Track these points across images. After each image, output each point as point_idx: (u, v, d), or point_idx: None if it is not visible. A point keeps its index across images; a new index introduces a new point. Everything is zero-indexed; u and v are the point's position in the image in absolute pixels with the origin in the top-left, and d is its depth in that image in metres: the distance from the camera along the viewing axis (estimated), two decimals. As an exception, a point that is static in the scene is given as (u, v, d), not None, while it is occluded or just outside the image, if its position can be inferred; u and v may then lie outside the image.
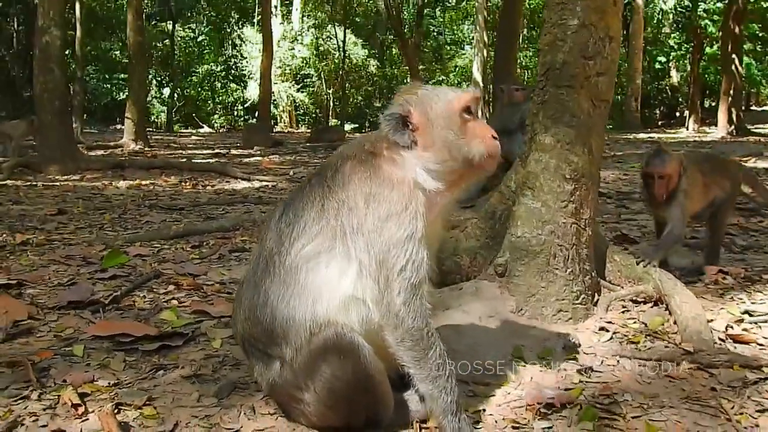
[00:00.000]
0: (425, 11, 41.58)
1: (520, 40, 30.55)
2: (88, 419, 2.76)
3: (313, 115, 45.31)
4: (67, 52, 23.17)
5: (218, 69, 43.35)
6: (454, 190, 2.71)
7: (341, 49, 40.58)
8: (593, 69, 3.92)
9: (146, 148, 18.47)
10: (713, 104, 35.11)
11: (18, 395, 2.98)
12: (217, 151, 18.78)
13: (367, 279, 2.54)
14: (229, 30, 43.22)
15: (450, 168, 2.63)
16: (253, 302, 2.67)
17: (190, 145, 22.35)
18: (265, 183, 11.28)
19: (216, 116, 44.50)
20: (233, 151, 18.77)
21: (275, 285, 2.62)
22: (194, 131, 35.73)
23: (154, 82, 41.78)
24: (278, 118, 42.18)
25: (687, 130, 29.39)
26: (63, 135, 12.65)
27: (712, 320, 3.81)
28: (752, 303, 4.15)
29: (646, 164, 4.83)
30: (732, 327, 3.78)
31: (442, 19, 47.56)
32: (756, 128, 26.61)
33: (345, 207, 2.57)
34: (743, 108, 32.30)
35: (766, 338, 3.63)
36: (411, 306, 2.51)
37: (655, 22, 36.44)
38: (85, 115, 28.30)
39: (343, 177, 2.62)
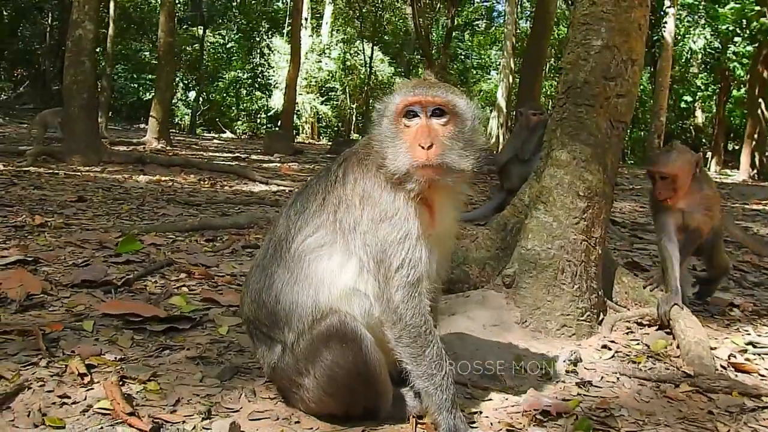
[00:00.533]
0: (454, 34, 41.90)
1: (546, 69, 30.67)
2: (93, 388, 2.82)
3: (335, 128, 45.58)
4: (98, 49, 23.63)
5: (245, 76, 43.77)
6: (436, 192, 2.61)
7: (368, 65, 40.94)
8: (614, 90, 3.97)
9: (168, 148, 18.68)
10: (736, 147, 34.96)
11: (27, 362, 3.05)
12: (237, 155, 18.97)
13: (368, 275, 2.60)
14: (258, 39, 43.68)
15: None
16: (260, 285, 2.74)
17: (212, 148, 22.57)
18: (282, 187, 11.39)
19: (239, 122, 44.87)
20: (253, 156, 18.94)
21: (281, 270, 2.69)
22: (216, 136, 36.06)
23: (181, 84, 42.27)
24: (300, 128, 42.49)
25: (709, 171, 29.23)
26: (88, 127, 12.84)
27: (715, 348, 3.81)
28: (758, 335, 4.16)
29: (650, 161, 4.46)
30: (735, 356, 3.78)
31: (470, 43, 47.94)
32: (779, 175, 26.43)
33: (343, 204, 2.63)
34: (767, 153, 32.14)
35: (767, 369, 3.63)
36: (409, 303, 2.55)
37: (683, 61, 36.41)
38: (110, 113, 28.72)
39: (344, 174, 2.69)
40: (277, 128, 32.10)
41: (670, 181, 4.20)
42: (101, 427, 2.51)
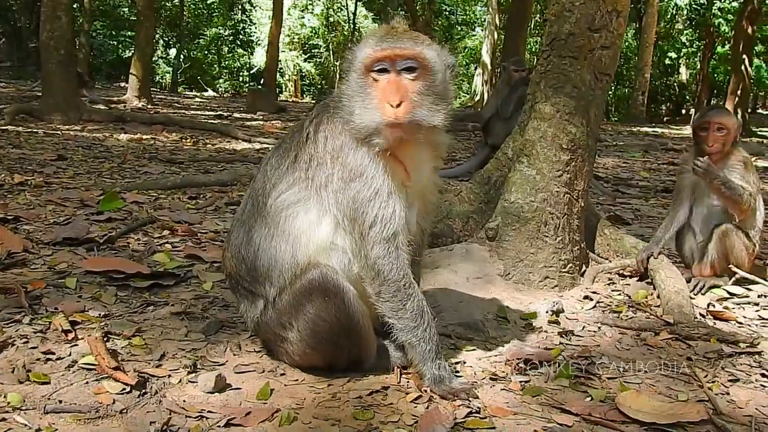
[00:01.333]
0: (438, -11, 41.25)
1: (531, 26, 30.36)
2: (77, 345, 2.83)
3: (319, 86, 45.06)
4: (75, 5, 22.99)
5: (226, 33, 42.98)
6: (408, 146, 2.56)
7: (351, 22, 40.28)
8: (598, 42, 3.94)
9: (149, 106, 18.37)
10: (720, 104, 35.03)
11: (10, 319, 3.04)
12: (219, 113, 18.72)
13: (344, 231, 2.60)
14: (239, -5, 42.87)
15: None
16: (240, 240, 2.74)
17: (194, 106, 22.24)
18: (266, 145, 11.28)
19: (221, 80, 44.23)
20: (236, 115, 18.70)
21: (258, 225, 2.68)
22: (199, 94, 35.48)
23: (161, 42, 41.42)
24: (284, 86, 42.00)
25: (692, 126, 29.36)
26: (66, 85, 12.58)
27: (694, 297, 3.88)
28: (738, 286, 4.20)
29: (701, 115, 4.30)
30: (714, 305, 3.85)
31: (454, -1, 47.20)
32: (761, 131, 26.60)
33: (314, 161, 2.60)
34: (749, 110, 32.25)
35: (746, 318, 3.70)
36: (386, 258, 2.56)
37: (668, 17, 36.18)
38: (90, 71, 28.12)
39: (316, 131, 2.65)
40: (260, 86, 31.70)
41: (725, 133, 4.13)
42: (86, 382, 2.51)
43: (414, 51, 2.47)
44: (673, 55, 36.27)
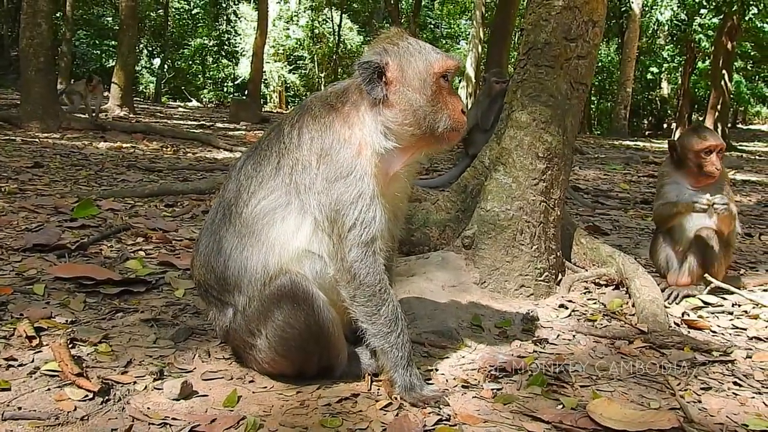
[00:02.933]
0: (423, 2, 41.47)
1: (516, 39, 30.61)
2: (41, 351, 2.76)
3: (304, 97, 45.00)
4: (57, 14, 22.84)
5: (211, 44, 42.92)
6: (411, 153, 2.67)
7: (336, 34, 40.41)
8: (574, 51, 3.96)
9: (131, 115, 18.25)
10: (700, 118, 35.42)
11: (-27, 325, 2.96)
12: (202, 123, 18.65)
13: (323, 234, 2.56)
14: (224, 5, 42.78)
15: (410, 132, 2.58)
16: (209, 250, 2.69)
17: (176, 116, 22.15)
18: (247, 155, 11.22)
19: (205, 91, 44.11)
20: (219, 125, 18.65)
21: (230, 235, 2.63)
22: (182, 104, 35.37)
23: (145, 51, 41.29)
24: (268, 97, 41.94)
25: (672, 141, 29.66)
26: (46, 92, 12.48)
27: (669, 306, 3.88)
28: (712, 295, 4.21)
29: (702, 138, 4.17)
30: (688, 314, 3.86)
31: (439, 12, 47.48)
32: (740, 145, 26.93)
33: (299, 165, 2.57)
34: (729, 125, 32.66)
35: (720, 326, 3.70)
36: (363, 262, 2.53)
37: (650, 32, 36.61)
38: (72, 79, 27.90)
39: (300, 134, 2.61)
40: (244, 97, 31.62)
41: (723, 156, 4.21)
42: (48, 389, 2.45)
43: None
44: (655, 69, 36.68)
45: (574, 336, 3.39)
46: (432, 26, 48.01)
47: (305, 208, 2.56)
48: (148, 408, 2.37)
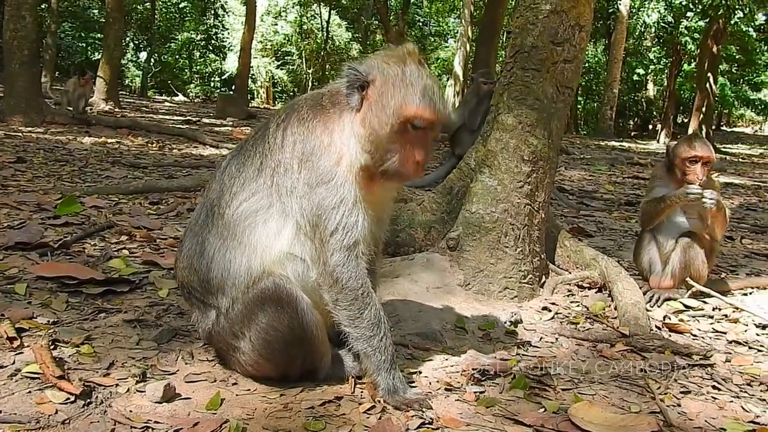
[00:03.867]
0: (412, 0, 41.46)
1: (504, 39, 30.66)
2: (22, 352, 2.73)
3: (291, 93, 44.91)
4: (43, 6, 22.59)
5: (198, 38, 42.67)
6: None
7: (324, 30, 40.30)
8: (561, 55, 3.98)
9: (116, 109, 18.13)
10: (686, 120, 35.75)
11: (-48, 325, 2.93)
12: (188, 118, 18.54)
13: (305, 237, 2.56)
14: (212, -1, 42.59)
15: (369, 159, 2.52)
16: (192, 251, 2.68)
17: (162, 111, 22.00)
18: (233, 152, 11.18)
19: (192, 85, 43.85)
20: (205, 120, 18.55)
21: (213, 237, 2.62)
22: (169, 98, 35.15)
23: (131, 45, 41.00)
24: (255, 93, 41.78)
25: (658, 142, 29.86)
26: (30, 85, 12.35)
27: (651, 310, 3.92)
28: (693, 299, 4.25)
29: (690, 147, 4.24)
30: (669, 317, 3.90)
31: (428, 10, 47.48)
32: (724, 147, 27.20)
33: (281, 167, 2.56)
34: (714, 127, 32.94)
35: (700, 330, 3.74)
36: (346, 267, 2.53)
37: (637, 34, 36.84)
38: (57, 73, 27.62)
39: (283, 136, 2.59)
40: (231, 92, 31.47)
41: (710, 166, 4.26)
42: (29, 392, 2.43)
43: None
44: (641, 71, 36.96)
45: (556, 339, 3.42)
46: (421, 24, 48.05)
47: (287, 211, 2.55)
48: (131, 411, 2.36)
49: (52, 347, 2.73)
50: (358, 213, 2.52)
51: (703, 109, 26.31)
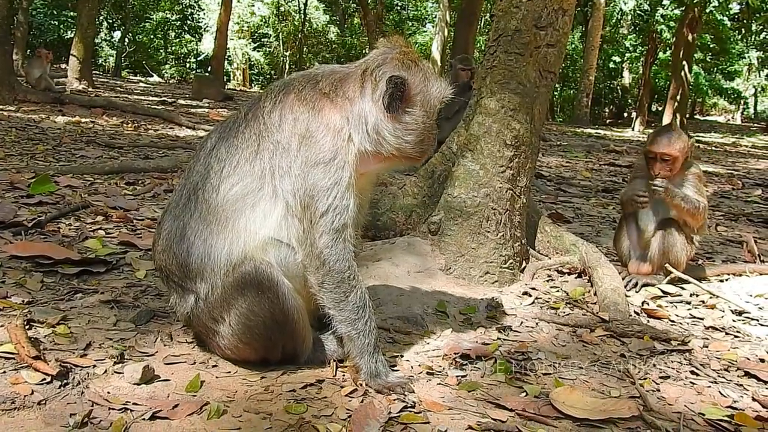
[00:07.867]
0: (391, -17, 41.20)
1: (482, 24, 30.60)
2: (-4, 333, 2.67)
3: (268, 76, 44.47)
4: (13, -19, 21.97)
5: (173, 18, 41.99)
6: (381, 163, 2.69)
7: (302, 12, 39.87)
8: (544, 39, 3.97)
9: (90, 89, 17.76)
10: (660, 108, 36.10)
11: None
12: (164, 99, 18.27)
13: (293, 219, 2.53)
14: (188, -22, 41.86)
15: (402, 146, 2.62)
16: (172, 235, 2.61)
17: (137, 91, 21.64)
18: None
19: (167, 66, 43.21)
20: (181, 101, 18.29)
21: (194, 221, 2.56)
22: (143, 79, 34.55)
23: (105, 24, 40.16)
24: (231, 75, 41.30)
25: (633, 130, 30.14)
26: (1, 63, 12.05)
27: (630, 296, 3.95)
28: (671, 285, 4.30)
29: (651, 142, 4.23)
30: (648, 303, 3.93)
31: (406, -6, 47.21)
32: (698, 136, 27.51)
33: (280, 148, 2.52)
34: (688, 115, 33.35)
35: (678, 316, 3.78)
36: (333, 249, 2.51)
37: (613, 21, 37.05)
38: (28, 51, 26.99)
39: (281, 115, 2.55)
40: (207, 73, 31.05)
41: (670, 161, 4.15)
42: (4, 372, 2.38)
43: None
44: (617, 59, 37.23)
45: (537, 323, 3.43)
46: (399, 8, 47.75)
47: (277, 193, 2.52)
48: (108, 392, 2.32)
49: (27, 327, 2.67)
50: (350, 197, 2.51)
51: (678, 98, 26.62)
